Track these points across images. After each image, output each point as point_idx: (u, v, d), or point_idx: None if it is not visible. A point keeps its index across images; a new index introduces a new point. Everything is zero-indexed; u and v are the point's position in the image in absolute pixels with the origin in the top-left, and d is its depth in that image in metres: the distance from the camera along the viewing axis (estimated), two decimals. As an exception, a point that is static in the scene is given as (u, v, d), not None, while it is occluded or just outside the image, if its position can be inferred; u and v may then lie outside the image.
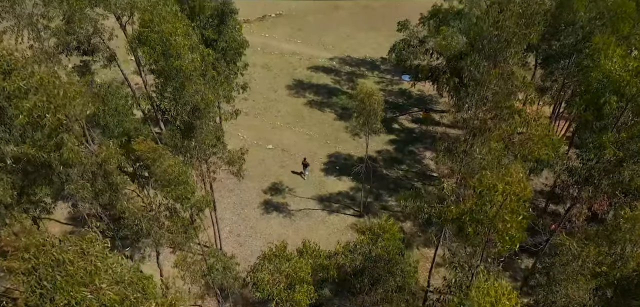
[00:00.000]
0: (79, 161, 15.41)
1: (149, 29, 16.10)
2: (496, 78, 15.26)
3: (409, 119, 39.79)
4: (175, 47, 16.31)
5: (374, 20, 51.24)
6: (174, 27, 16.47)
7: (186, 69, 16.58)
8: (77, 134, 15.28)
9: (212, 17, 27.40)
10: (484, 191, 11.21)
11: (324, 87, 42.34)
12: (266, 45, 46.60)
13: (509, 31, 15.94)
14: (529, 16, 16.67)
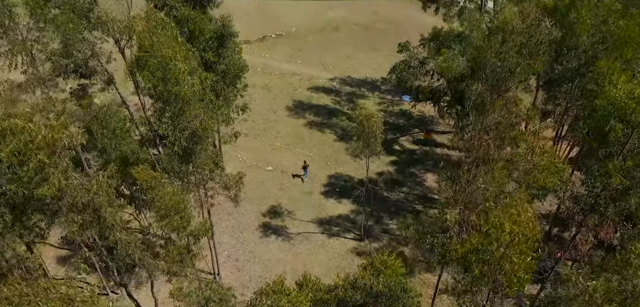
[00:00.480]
0: (64, 196, 14.95)
1: (148, 54, 15.88)
2: (499, 108, 14.98)
3: (409, 140, 39.48)
4: (175, 72, 16.06)
5: (374, 41, 51.30)
6: (174, 52, 16.24)
7: (185, 94, 16.32)
8: (63, 168, 14.87)
9: (212, 40, 27.31)
10: (491, 230, 10.81)
11: (324, 107, 42.13)
12: (266, 66, 46.55)
13: (512, 61, 15.69)
14: (533, 46, 16.46)
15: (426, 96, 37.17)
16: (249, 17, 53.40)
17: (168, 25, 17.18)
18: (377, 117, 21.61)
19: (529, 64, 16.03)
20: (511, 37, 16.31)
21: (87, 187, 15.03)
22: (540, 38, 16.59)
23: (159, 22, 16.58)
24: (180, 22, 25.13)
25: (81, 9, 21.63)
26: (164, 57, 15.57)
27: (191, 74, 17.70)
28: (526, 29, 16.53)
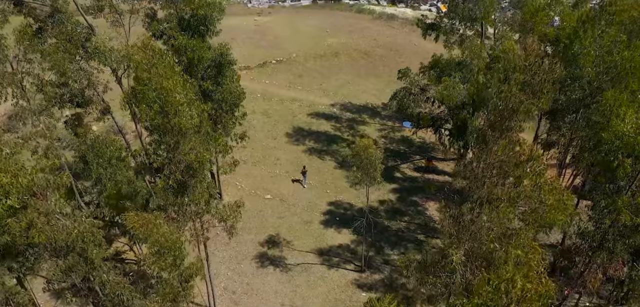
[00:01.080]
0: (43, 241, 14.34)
1: (146, 87, 15.53)
2: (503, 148, 14.51)
3: (411, 167, 38.95)
4: (174, 104, 15.66)
5: (375, 67, 51.24)
6: (173, 83, 15.86)
7: (184, 126, 15.89)
8: (45, 210, 14.31)
9: (210, 68, 27.11)
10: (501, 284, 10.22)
11: (324, 134, 41.74)
12: (266, 92, 46.38)
13: (514, 100, 15.30)
14: (537, 84, 16.10)
15: (427, 123, 36.83)
16: (250, 43, 53.61)
17: (165, 55, 16.87)
18: (375, 148, 21.14)
19: (532, 103, 15.65)
20: (513, 75, 15.94)
21: (69, 230, 14.43)
22: (543, 77, 16.20)
23: (156, 52, 16.27)
24: (178, 50, 24.95)
25: (78, 39, 21.44)
26: (164, 88, 15.19)
27: (189, 105, 17.31)
28: (528, 67, 16.18)
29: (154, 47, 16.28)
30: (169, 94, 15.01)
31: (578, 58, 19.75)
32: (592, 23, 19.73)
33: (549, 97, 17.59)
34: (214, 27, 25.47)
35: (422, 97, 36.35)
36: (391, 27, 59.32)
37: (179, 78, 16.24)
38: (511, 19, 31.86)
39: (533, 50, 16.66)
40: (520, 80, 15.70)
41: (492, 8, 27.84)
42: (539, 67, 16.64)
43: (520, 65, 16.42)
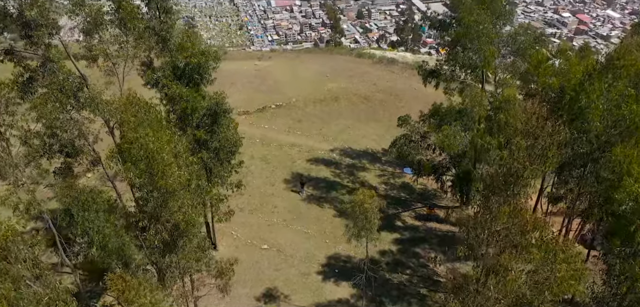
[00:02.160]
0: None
1: (131, 146, 14.82)
2: (507, 216, 13.63)
3: (412, 215, 37.82)
4: (161, 164, 14.88)
5: (375, 112, 50.86)
6: (160, 142, 15.12)
7: (170, 186, 15.06)
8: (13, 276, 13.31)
9: (206, 116, 26.54)
10: None
11: (323, 180, 40.84)
12: (265, 137, 45.82)
13: (518, 166, 14.52)
14: (541, 149, 15.35)
15: (428, 171, 36.01)
16: (250, 87, 53.51)
17: (153, 109, 16.24)
18: (372, 200, 20.17)
19: (537, 168, 14.86)
20: (516, 141, 15.22)
21: (40, 297, 13.40)
22: (548, 140, 15.47)
23: (142, 106, 15.65)
24: (172, 100, 24.44)
25: (70, 89, 20.95)
26: (150, 149, 14.46)
27: (177, 158, 16.54)
28: (531, 130, 15.49)
29: (141, 102, 15.67)
30: (155, 154, 14.28)
31: (585, 112, 19.09)
32: (598, 76, 19.19)
33: (555, 162, 16.76)
34: (208, 76, 25.04)
35: (422, 144, 35.71)
36: (391, 72, 59.39)
37: (167, 134, 15.54)
38: (512, 66, 31.50)
39: (534, 113, 15.97)
40: (523, 146, 14.94)
41: (492, 57, 27.49)
42: (542, 130, 15.93)
43: (521, 129, 15.69)
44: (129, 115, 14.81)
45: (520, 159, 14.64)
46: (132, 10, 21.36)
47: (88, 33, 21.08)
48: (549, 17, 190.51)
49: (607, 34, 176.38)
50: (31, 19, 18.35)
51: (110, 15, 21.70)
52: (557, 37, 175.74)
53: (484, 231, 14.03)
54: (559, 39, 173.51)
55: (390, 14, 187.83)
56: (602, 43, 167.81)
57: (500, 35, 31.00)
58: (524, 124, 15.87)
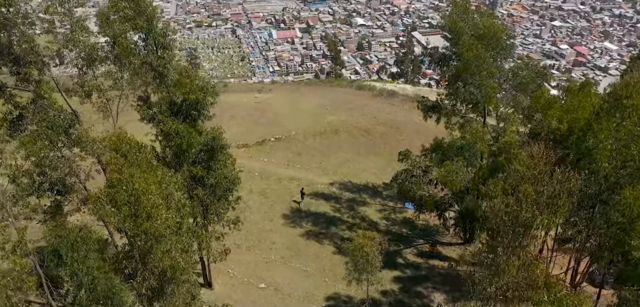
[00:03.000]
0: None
1: (115, 190, 14.14)
2: (515, 270, 12.85)
3: (414, 252, 36.76)
4: (146, 207, 14.16)
5: (375, 145, 50.31)
6: (147, 183, 14.45)
7: (156, 230, 14.30)
8: None
9: (202, 152, 25.96)
10: None
11: (322, 215, 39.94)
12: (264, 171, 45.15)
13: (526, 215, 13.80)
14: (550, 197, 14.65)
15: (430, 207, 35.16)
16: (249, 120, 53.21)
17: (143, 149, 15.64)
18: (373, 244, 19.34)
19: (547, 218, 14.13)
20: (523, 188, 14.53)
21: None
22: (557, 188, 14.77)
23: (132, 145, 15.06)
24: (167, 136, 23.90)
25: (61, 126, 20.42)
26: (135, 190, 13.79)
27: (167, 202, 15.81)
28: (538, 177, 14.80)
29: (130, 141, 15.08)
30: (141, 196, 13.59)
31: (593, 152, 18.47)
32: (606, 115, 18.67)
33: (566, 210, 16.01)
34: (206, 112, 24.58)
35: (424, 180, 34.98)
36: (391, 104, 59.18)
37: (156, 175, 14.88)
38: (514, 101, 31.10)
39: (541, 157, 15.32)
40: (531, 193, 14.23)
41: (493, 93, 27.08)
42: (551, 177, 15.24)
43: (528, 175, 15.00)
44: (117, 157, 14.18)
45: (528, 208, 13.92)
46: (127, 46, 21.06)
47: (81, 68, 20.70)
48: (547, 49, 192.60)
49: (605, 66, 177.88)
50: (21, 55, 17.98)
51: (105, 52, 21.40)
52: (555, 68, 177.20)
53: (491, 285, 13.20)
54: (558, 70, 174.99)
55: (390, 46, 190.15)
56: (601, 74, 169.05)
57: (501, 70, 30.72)
58: (531, 169, 15.18)
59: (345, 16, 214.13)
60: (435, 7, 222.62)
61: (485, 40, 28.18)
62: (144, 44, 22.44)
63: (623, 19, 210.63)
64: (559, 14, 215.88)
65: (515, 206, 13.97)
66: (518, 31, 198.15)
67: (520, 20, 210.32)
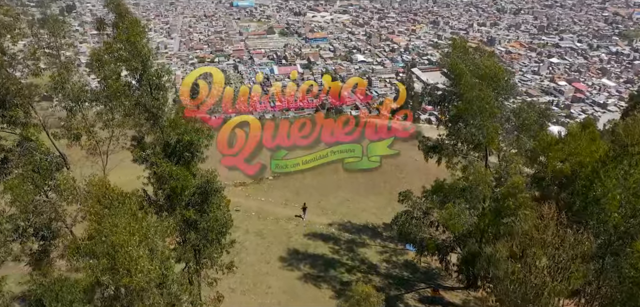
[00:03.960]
0: None
1: (94, 241, 13.31)
2: None
3: (415, 297, 35.36)
4: (126, 260, 13.27)
5: (375, 183, 49.45)
6: (129, 235, 13.59)
7: (137, 285, 13.36)
8: None
9: (195, 195, 25.16)
10: None
11: (321, 257, 38.72)
12: (262, 210, 44.18)
13: (538, 282, 12.92)
14: (564, 262, 13.75)
15: (432, 250, 34.02)
16: (247, 157, 52.53)
17: (127, 199, 14.86)
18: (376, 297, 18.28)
19: (560, 285, 13.17)
20: (532, 250, 13.65)
21: None
22: (570, 253, 13.88)
23: (116, 196, 14.29)
24: (160, 179, 23.16)
25: (47, 169, 19.70)
26: (114, 242, 12.93)
27: (152, 252, 14.91)
28: (551, 240, 13.94)
29: (113, 191, 14.33)
30: (121, 248, 12.73)
31: (600, 201, 17.68)
32: (613, 163, 17.98)
33: (580, 277, 15.01)
34: (200, 154, 23.89)
35: (425, 221, 33.97)
36: (392, 142, 58.52)
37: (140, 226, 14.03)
38: (517, 142, 30.47)
39: (552, 219, 14.49)
40: (542, 259, 13.32)
41: (495, 134, 26.47)
42: (563, 240, 14.35)
43: (538, 238, 14.11)
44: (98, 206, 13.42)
45: (539, 275, 13.00)
46: (118, 88, 20.59)
47: (70, 110, 20.17)
48: (545, 86, 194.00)
49: (603, 102, 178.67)
50: (7, 97, 17.46)
51: (95, 94, 20.91)
52: (554, 104, 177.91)
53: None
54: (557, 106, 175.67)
55: (390, 81, 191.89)
56: (600, 111, 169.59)
57: (502, 110, 30.23)
58: (541, 231, 14.31)
59: (345, 53, 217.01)
60: (434, 45, 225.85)
61: (486, 80, 27.82)
62: (138, 85, 21.99)
63: (620, 56, 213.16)
64: (556, 52, 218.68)
65: (524, 271, 13.04)
66: (516, 68, 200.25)
67: (518, 57, 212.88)
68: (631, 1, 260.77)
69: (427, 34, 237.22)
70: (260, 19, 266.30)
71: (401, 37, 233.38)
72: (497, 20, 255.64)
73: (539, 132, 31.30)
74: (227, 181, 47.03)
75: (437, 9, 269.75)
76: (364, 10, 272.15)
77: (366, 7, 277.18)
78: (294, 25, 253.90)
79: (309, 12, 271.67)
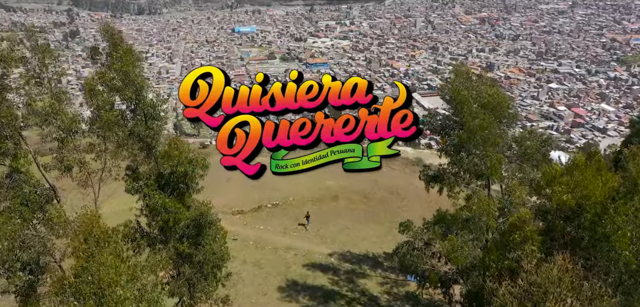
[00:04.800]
0: None
1: (80, 280, 12.59)
2: None
3: (418, 332, 34.25)
4: (112, 301, 12.52)
5: (375, 212, 48.75)
6: (117, 274, 12.88)
7: (123, 330, 12.58)
8: None
9: (190, 227, 24.43)
10: None
11: (320, 289, 37.64)
12: (259, 239, 43.27)
13: None
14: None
15: (434, 282, 32.99)
16: (246, 185, 51.41)
17: (112, 239, 14.18)
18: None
19: None
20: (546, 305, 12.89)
21: None
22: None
23: (102, 236, 13.63)
24: (152, 211, 22.48)
25: (36, 202, 19.07)
26: (101, 280, 12.22)
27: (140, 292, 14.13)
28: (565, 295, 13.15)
29: (101, 229, 13.68)
30: (107, 288, 12.02)
31: (610, 239, 16.97)
32: (623, 200, 17.34)
33: None
34: (195, 185, 23.27)
35: (426, 253, 33.05)
36: (392, 168, 58.06)
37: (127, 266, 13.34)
38: (520, 171, 29.85)
39: (567, 270, 13.72)
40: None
41: (499, 165, 25.87)
42: (579, 293, 13.60)
43: (553, 291, 13.34)
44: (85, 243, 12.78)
45: None
46: (111, 118, 20.12)
47: (61, 141, 19.65)
48: (545, 111, 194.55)
49: (603, 127, 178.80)
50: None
51: (88, 124, 20.45)
52: (554, 129, 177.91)
53: None
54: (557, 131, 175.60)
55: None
56: (600, 135, 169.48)
57: (505, 139, 29.70)
58: (556, 285, 13.51)
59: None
60: (434, 70, 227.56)
61: (489, 109, 27.34)
62: (131, 115, 21.53)
63: (618, 82, 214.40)
64: (555, 77, 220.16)
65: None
66: (516, 93, 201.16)
67: (517, 82, 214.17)
68: (628, 27, 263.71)
69: (426, 60, 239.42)
70: (262, 44, 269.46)
71: (401, 63, 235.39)
72: (496, 46, 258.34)
73: (542, 161, 30.71)
74: (225, 209, 46.36)
75: (436, 35, 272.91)
76: (364, 36, 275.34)
77: (366, 33, 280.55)
78: (294, 50, 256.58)
79: (310, 38, 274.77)
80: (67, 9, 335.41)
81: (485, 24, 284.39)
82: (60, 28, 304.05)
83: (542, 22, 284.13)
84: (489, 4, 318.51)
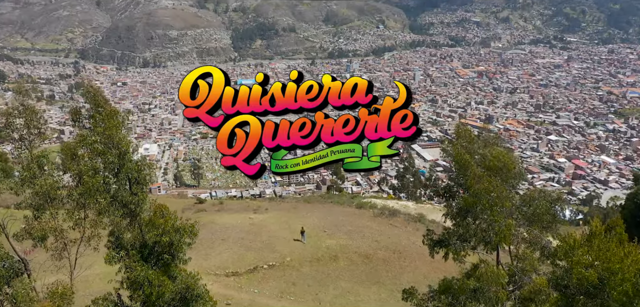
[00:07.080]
0: None
1: None
2: None
3: None
4: None
5: (377, 273, 46.35)
6: None
7: None
8: None
9: (175, 300, 22.43)
10: None
11: (318, 361, 34.95)
12: (254, 304, 40.72)
13: None
14: None
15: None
16: (242, 244, 49.71)
17: None
18: None
19: None
20: None
21: None
22: None
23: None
24: (134, 284, 20.59)
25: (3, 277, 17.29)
26: None
27: None
28: None
29: None
30: None
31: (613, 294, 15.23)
32: None
33: None
34: (182, 255, 21.50)
35: (433, 323, 30.72)
36: (393, 226, 56.15)
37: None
38: (530, 236, 28.16)
39: None
40: None
41: (509, 232, 24.23)
42: None
43: None
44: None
45: None
46: (92, 186, 18.70)
47: (38, 209, 18.16)
48: (545, 162, 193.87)
49: (604, 179, 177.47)
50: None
51: (67, 190, 19.03)
52: (555, 181, 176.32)
53: None
54: (558, 183, 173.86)
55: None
56: (602, 187, 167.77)
57: (513, 201, 28.18)
58: None
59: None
60: (433, 122, 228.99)
61: (493, 171, 26.00)
62: (115, 180, 20.11)
63: (617, 134, 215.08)
64: (554, 129, 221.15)
65: None
66: (515, 144, 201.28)
67: (516, 134, 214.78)
68: (624, 81, 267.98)
69: (425, 112, 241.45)
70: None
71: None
72: (494, 98, 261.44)
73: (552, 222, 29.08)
74: (219, 271, 44.08)
75: (435, 88, 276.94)
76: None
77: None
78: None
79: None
80: (74, 61, 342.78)
81: (482, 77, 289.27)
82: (66, 80, 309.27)
83: (539, 75, 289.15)
84: (486, 58, 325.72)
